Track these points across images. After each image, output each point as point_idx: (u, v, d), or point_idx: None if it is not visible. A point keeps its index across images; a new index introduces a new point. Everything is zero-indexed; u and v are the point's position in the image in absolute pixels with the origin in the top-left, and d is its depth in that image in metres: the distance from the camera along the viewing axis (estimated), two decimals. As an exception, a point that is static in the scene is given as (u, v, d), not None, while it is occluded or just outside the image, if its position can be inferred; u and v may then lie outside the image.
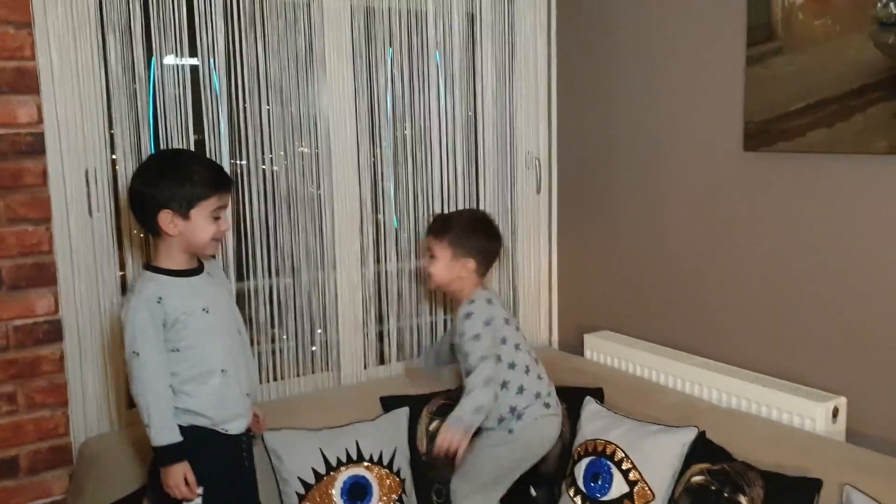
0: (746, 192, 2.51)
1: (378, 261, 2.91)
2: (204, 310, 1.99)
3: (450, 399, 2.59)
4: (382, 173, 2.87)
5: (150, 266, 2.03)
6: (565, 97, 3.14)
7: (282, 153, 2.66)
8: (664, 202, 2.78)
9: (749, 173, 2.49)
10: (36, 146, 2.29)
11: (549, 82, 3.15)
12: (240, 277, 2.64)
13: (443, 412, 2.59)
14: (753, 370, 2.51)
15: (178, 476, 1.94)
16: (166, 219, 1.95)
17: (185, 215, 1.96)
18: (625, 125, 2.90)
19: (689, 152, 2.68)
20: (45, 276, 2.35)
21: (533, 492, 2.62)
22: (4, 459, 2.34)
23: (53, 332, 2.37)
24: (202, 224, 1.97)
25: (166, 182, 1.94)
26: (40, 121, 2.29)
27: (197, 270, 2.06)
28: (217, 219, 2.00)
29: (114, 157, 2.41)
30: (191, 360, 1.98)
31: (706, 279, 2.66)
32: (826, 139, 2.26)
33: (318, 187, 2.74)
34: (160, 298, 1.94)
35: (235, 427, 2.06)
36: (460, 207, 3.04)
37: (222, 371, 2.01)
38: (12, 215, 2.28)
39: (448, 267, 2.51)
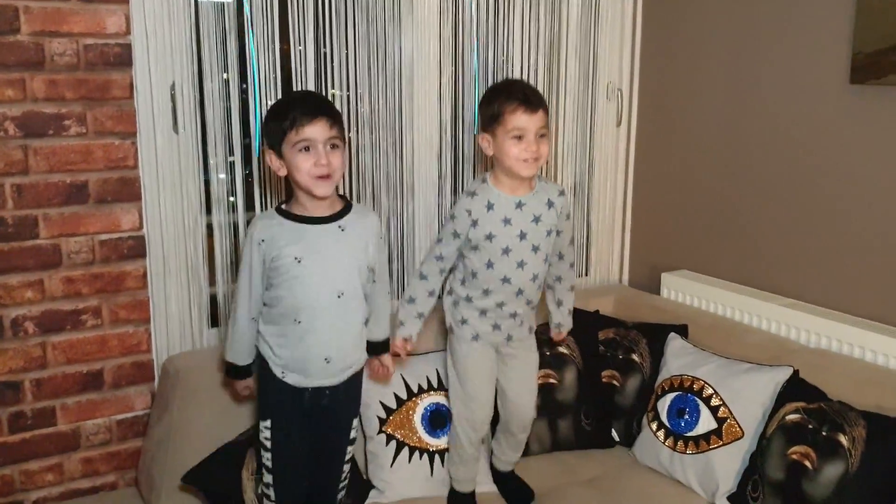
0: (850, 127, 2.41)
1: (455, 191, 2.85)
2: (296, 258, 1.93)
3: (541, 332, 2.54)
4: (464, 98, 2.79)
5: (279, 203, 2.02)
6: (651, 24, 3.02)
7: (366, 74, 2.59)
8: (754, 136, 2.68)
9: (854, 107, 2.39)
10: (123, 57, 2.24)
11: (634, 8, 3.03)
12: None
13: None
14: (844, 312, 2.44)
15: (239, 387, 2.13)
16: (270, 159, 1.95)
17: (279, 153, 1.91)
18: (714, 54, 2.78)
19: (786, 83, 2.56)
20: (130, 191, 2.32)
21: (616, 436, 2.60)
22: (90, 372, 2.35)
23: (137, 247, 2.36)
24: (293, 160, 1.89)
25: (266, 122, 1.96)
26: (128, 31, 2.24)
27: (327, 219, 1.97)
28: (306, 151, 1.88)
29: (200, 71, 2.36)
30: (276, 299, 1.97)
31: (796, 218, 2.57)
32: (946, 71, 2.15)
33: (400, 111, 2.67)
34: (262, 241, 1.94)
35: (293, 379, 2.00)
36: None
37: (296, 321, 1.96)
38: (99, 128, 2.25)
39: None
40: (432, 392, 2.41)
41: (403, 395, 2.38)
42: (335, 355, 2.01)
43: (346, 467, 2.15)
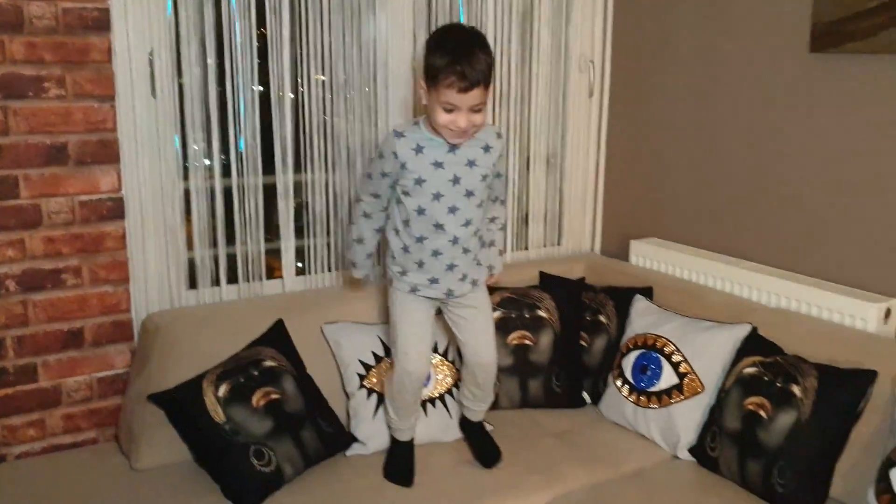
0: (810, 95, 2.48)
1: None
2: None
3: (514, 294, 2.67)
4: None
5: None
6: (622, -3, 3.10)
7: (340, 39, 2.64)
8: (720, 105, 2.76)
9: (814, 75, 2.46)
10: (102, 22, 2.29)
11: (606, -20, 3.10)
12: (297, 169, 2.67)
13: (505, 305, 2.66)
14: (804, 275, 2.53)
15: None
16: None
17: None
18: (682, 25, 2.86)
19: (750, 53, 2.64)
20: (108, 153, 2.37)
21: (587, 397, 2.68)
22: (71, 330, 2.41)
23: (116, 209, 2.41)
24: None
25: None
26: (106, -4, 2.29)
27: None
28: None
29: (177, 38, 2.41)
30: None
31: (761, 185, 2.66)
32: (899, 39, 2.22)
33: (374, 78, 2.73)
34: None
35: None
36: (509, 109, 3.03)
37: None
38: (79, 91, 2.30)
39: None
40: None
41: (381, 353, 2.46)
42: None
43: None
